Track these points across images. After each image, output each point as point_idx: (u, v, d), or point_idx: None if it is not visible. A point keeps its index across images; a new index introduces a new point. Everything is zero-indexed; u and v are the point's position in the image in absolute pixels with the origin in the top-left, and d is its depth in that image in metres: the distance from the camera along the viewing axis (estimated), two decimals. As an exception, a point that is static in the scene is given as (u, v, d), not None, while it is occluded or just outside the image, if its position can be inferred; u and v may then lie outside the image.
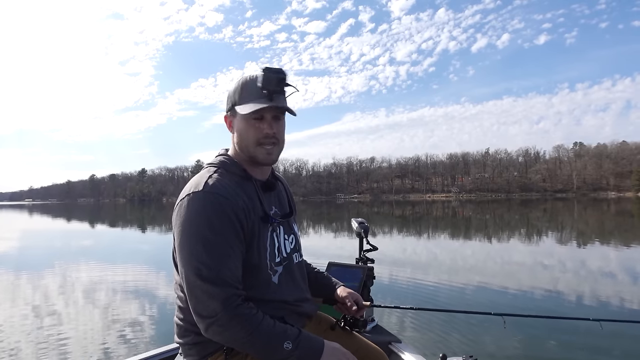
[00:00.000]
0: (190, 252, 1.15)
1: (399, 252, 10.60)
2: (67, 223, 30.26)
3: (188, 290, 1.15)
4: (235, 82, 1.32)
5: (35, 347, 4.22)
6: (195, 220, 1.16)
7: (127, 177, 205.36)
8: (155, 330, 4.72)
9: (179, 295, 1.30)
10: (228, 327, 1.12)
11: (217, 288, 1.12)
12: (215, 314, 1.11)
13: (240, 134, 1.30)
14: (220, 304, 1.11)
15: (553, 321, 4.68)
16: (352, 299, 1.58)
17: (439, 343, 4.05)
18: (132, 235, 19.35)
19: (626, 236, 14.92)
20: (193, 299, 1.14)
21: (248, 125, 1.28)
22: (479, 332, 4.38)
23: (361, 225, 2.46)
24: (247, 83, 1.28)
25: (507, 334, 4.29)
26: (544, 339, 4.15)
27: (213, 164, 1.33)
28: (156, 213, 46.49)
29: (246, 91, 1.28)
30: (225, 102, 1.35)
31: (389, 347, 2.01)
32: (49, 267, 9.39)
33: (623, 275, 7.65)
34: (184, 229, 1.17)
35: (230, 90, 1.33)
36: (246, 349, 1.17)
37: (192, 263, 1.14)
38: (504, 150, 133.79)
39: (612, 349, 3.92)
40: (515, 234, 16.51)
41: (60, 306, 5.90)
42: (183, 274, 1.16)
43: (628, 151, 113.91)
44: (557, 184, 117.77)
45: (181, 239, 1.18)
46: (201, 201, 1.18)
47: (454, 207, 48.25)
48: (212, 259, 1.13)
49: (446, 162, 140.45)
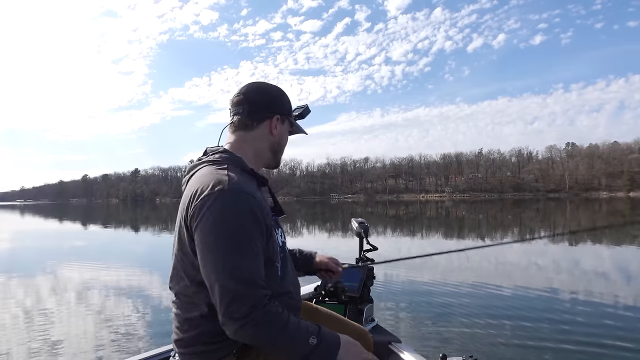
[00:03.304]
0: (223, 254, 1.11)
1: (394, 251, 10.62)
2: (59, 223, 29.96)
3: (220, 292, 1.10)
4: (283, 92, 1.44)
5: (27, 350, 4.16)
6: (226, 220, 1.12)
7: (120, 177, 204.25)
8: (149, 332, 4.66)
9: (184, 301, 1.25)
10: (260, 327, 1.11)
11: (250, 289, 1.11)
12: (248, 315, 1.09)
13: (284, 139, 1.45)
14: (253, 305, 1.10)
15: (553, 321, 4.71)
16: (332, 261, 1.75)
17: (439, 343, 4.04)
18: (125, 236, 19.20)
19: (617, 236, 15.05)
20: (225, 301, 1.10)
21: (286, 134, 1.46)
22: (479, 332, 4.39)
23: (361, 225, 2.45)
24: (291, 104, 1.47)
25: (508, 334, 4.30)
26: (545, 339, 4.16)
27: (221, 161, 1.29)
28: (149, 213, 46.20)
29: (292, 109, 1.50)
30: (272, 103, 1.40)
31: (389, 347, 1.99)
32: (41, 268, 9.27)
33: (613, 272, 7.71)
34: (214, 229, 1.12)
35: (282, 95, 1.43)
36: (275, 347, 1.16)
37: (226, 265, 1.10)
38: (497, 151, 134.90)
39: (612, 349, 3.93)
40: (508, 233, 16.60)
41: (52, 308, 5.81)
42: (213, 276, 1.11)
43: (619, 151, 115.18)
44: (550, 184, 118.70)
45: (210, 240, 1.12)
46: (230, 199, 1.14)
47: (448, 207, 48.44)
48: (245, 260, 1.12)
49: (440, 162, 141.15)
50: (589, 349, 3.91)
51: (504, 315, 4.93)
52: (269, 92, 1.39)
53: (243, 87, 1.40)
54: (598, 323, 4.68)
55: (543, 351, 3.88)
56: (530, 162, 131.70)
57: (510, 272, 7.95)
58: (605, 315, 5.00)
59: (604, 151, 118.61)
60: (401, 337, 2.08)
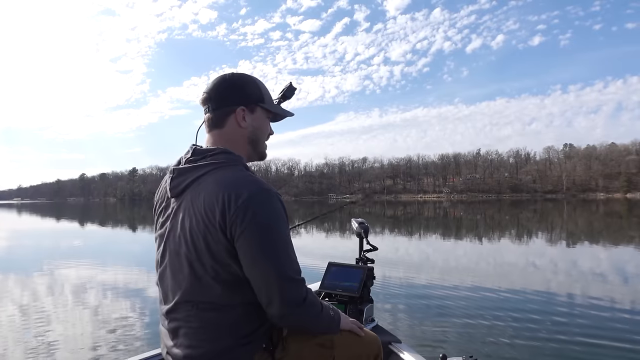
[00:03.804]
0: (281, 252, 1.20)
1: (392, 251, 10.62)
2: (56, 222, 29.86)
3: (279, 284, 1.18)
4: (248, 79, 1.35)
5: (23, 350, 4.13)
6: (276, 221, 1.20)
7: (118, 177, 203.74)
8: (147, 332, 4.63)
9: (208, 310, 1.21)
10: (312, 307, 1.27)
11: (302, 278, 1.25)
12: (305, 299, 1.23)
13: (259, 128, 1.38)
14: (307, 290, 1.25)
15: (553, 321, 4.72)
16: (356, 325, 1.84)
17: (439, 343, 4.04)
18: (123, 235, 19.16)
19: (615, 236, 15.10)
20: (285, 291, 1.19)
21: (265, 122, 1.40)
22: (479, 332, 4.39)
23: (361, 225, 2.44)
24: (264, 87, 1.39)
25: (508, 334, 4.31)
26: (544, 339, 4.16)
27: (232, 163, 1.27)
28: (147, 213, 46.10)
29: (267, 92, 1.40)
30: (234, 95, 1.32)
31: (389, 347, 1.99)
32: (37, 267, 9.24)
33: (611, 272, 7.73)
34: (268, 230, 1.18)
35: (244, 83, 1.34)
36: (316, 322, 1.31)
37: (284, 261, 1.20)
38: (494, 151, 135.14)
39: (611, 348, 3.94)
40: (505, 234, 16.63)
41: (48, 307, 5.79)
42: (273, 272, 1.18)
43: (616, 153, 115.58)
44: (547, 185, 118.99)
45: (265, 240, 1.17)
46: (273, 199, 1.21)
47: (445, 207, 48.50)
48: (294, 255, 1.25)
49: (438, 162, 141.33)
50: (588, 349, 3.92)
51: (504, 315, 4.94)
52: (232, 84, 1.33)
53: (209, 83, 1.36)
54: (597, 323, 4.69)
55: (543, 351, 3.89)
56: (527, 163, 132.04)
57: (510, 273, 7.96)
58: (605, 314, 5.01)
59: (601, 152, 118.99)
60: (401, 337, 2.08)
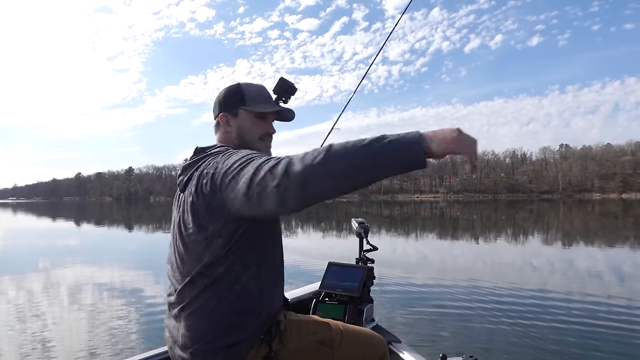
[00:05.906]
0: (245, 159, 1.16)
1: (390, 251, 10.63)
2: (52, 222, 29.74)
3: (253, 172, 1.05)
4: (231, 88, 1.43)
5: (19, 350, 4.11)
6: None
7: (114, 176, 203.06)
8: (146, 332, 4.62)
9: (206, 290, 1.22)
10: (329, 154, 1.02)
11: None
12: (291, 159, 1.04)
13: (245, 129, 1.41)
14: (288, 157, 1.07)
15: (552, 320, 4.74)
16: None
17: (439, 343, 4.04)
18: (119, 235, 19.10)
19: (610, 236, 15.19)
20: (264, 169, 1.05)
21: (253, 122, 1.42)
22: (479, 332, 4.40)
23: (361, 225, 2.44)
24: (251, 87, 1.43)
25: (507, 333, 4.32)
26: (544, 339, 4.18)
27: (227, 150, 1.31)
28: (143, 212, 45.98)
29: (254, 95, 1.42)
30: (218, 104, 1.44)
31: (389, 347, 1.98)
32: (33, 267, 9.20)
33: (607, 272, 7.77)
34: (236, 156, 1.20)
35: (225, 93, 1.43)
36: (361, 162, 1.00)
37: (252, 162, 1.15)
38: (491, 152, 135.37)
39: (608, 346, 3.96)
40: (502, 234, 16.69)
41: (44, 307, 5.76)
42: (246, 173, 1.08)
43: (612, 153, 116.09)
44: (543, 185, 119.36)
45: (234, 160, 1.18)
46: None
47: (442, 207, 48.61)
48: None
49: (434, 162, 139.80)
50: (588, 349, 3.93)
51: (504, 315, 4.95)
52: (218, 95, 1.47)
53: None
54: (597, 322, 4.71)
55: (543, 350, 3.90)
56: (524, 163, 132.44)
57: (508, 272, 7.98)
58: (602, 314, 5.03)
59: (597, 153, 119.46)
60: (401, 337, 2.07)
